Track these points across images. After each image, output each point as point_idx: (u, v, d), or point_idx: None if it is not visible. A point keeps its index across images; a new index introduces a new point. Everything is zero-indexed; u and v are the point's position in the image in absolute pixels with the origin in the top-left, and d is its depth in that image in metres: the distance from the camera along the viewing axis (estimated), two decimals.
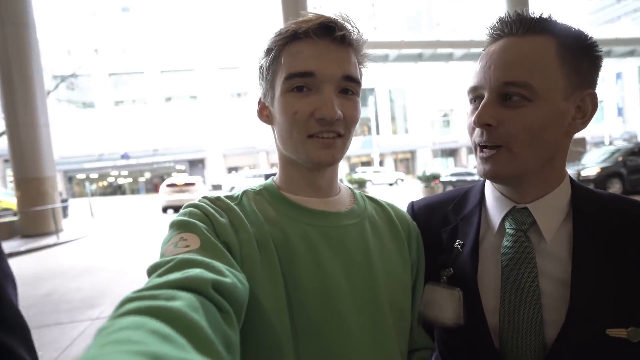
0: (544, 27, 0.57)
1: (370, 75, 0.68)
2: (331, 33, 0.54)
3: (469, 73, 0.67)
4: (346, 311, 0.54)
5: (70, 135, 22.35)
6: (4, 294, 0.64)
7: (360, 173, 20.71)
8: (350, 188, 0.70)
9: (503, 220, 0.64)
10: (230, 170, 26.55)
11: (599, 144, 29.69)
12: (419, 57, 13.60)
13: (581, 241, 0.58)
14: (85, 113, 23.92)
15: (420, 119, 27.82)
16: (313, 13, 0.56)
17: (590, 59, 0.58)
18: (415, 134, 27.90)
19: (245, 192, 0.62)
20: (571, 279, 0.56)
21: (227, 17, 24.20)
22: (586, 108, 0.59)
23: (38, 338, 3.39)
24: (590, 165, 10.01)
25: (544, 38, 0.56)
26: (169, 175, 26.94)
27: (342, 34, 0.55)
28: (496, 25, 0.60)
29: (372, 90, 26.21)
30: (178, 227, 0.50)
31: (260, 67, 0.60)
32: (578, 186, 0.64)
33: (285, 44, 0.56)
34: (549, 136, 0.57)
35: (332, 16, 0.55)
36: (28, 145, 9.15)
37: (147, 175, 31.14)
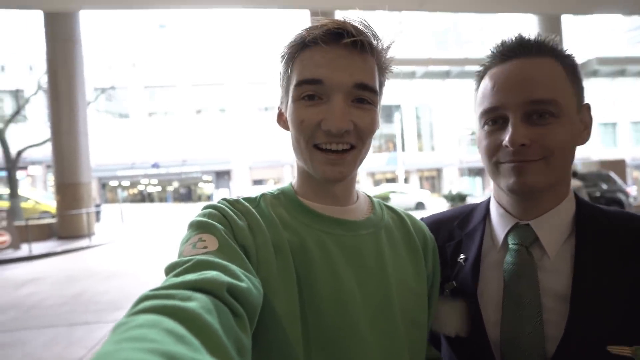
0: (549, 49, 0.60)
1: (396, 91, 0.68)
2: (340, 39, 0.52)
3: (472, 93, 0.68)
4: (359, 319, 0.53)
5: (106, 144, 23.48)
6: None
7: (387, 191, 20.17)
8: (369, 196, 0.69)
9: (506, 236, 0.65)
10: (255, 182, 26.99)
11: None
12: (447, 75, 13.51)
13: (583, 257, 0.58)
14: (121, 123, 25.09)
15: (447, 137, 27.38)
16: (325, 18, 0.53)
17: (580, 76, 0.62)
18: (441, 152, 27.42)
19: (263, 196, 0.62)
20: (571, 294, 0.57)
21: (256, 34, 25.04)
22: (587, 120, 0.63)
23: (68, 335, 3.53)
24: None
25: (551, 59, 0.60)
26: (195, 185, 27.68)
27: (354, 40, 0.51)
28: (502, 47, 0.62)
29: (398, 106, 26.12)
30: (197, 227, 0.50)
31: (279, 74, 0.60)
32: (583, 202, 0.64)
33: (296, 51, 0.55)
34: (572, 149, 0.60)
35: (345, 20, 0.52)
36: (69, 153, 9.72)
37: (175, 184, 32.10)
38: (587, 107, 0.63)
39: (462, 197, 13.06)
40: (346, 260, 0.56)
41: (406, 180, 26.57)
